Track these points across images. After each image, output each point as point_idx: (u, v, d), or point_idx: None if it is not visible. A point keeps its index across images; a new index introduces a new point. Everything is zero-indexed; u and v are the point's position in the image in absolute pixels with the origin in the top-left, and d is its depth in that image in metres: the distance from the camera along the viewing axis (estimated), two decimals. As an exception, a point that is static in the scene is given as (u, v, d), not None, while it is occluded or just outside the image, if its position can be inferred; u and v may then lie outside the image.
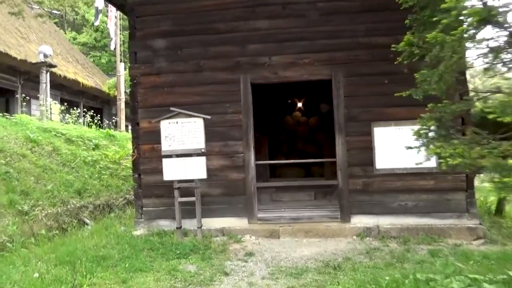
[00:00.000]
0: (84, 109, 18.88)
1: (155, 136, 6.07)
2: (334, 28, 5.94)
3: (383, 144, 5.79)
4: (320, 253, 5.05)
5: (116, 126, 16.14)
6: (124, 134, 13.65)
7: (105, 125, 15.92)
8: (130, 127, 20.44)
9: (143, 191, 6.20)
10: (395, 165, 5.75)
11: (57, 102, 18.65)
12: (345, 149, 5.86)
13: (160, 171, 6.01)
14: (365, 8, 5.88)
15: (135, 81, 6.28)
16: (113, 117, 16.49)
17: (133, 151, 6.22)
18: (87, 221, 6.43)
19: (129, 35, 6.47)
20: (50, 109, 13.23)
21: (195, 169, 5.47)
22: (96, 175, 8.33)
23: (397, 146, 5.74)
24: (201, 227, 5.56)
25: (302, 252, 5.11)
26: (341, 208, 5.86)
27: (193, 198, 5.54)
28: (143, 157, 6.20)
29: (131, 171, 9.38)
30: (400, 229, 5.64)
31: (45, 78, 11.20)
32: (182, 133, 5.52)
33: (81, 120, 13.08)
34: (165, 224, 6.11)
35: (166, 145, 5.56)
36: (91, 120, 11.79)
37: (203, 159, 5.47)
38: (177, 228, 5.57)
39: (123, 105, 16.17)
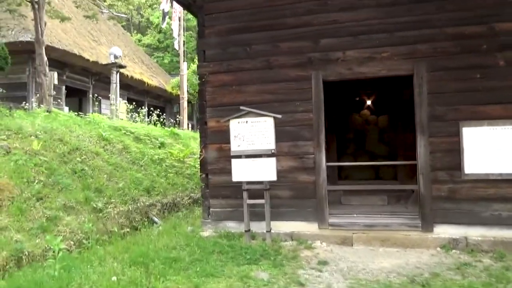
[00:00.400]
0: (149, 108, 19.65)
1: (223, 135, 5.95)
2: (416, 18, 5.40)
3: (474, 146, 5.17)
4: (401, 265, 4.60)
5: (178, 124, 16.53)
6: (187, 133, 13.89)
7: (168, 123, 16.38)
8: (190, 126, 20.82)
9: (211, 192, 6.10)
10: (488, 170, 5.12)
11: (125, 101, 19.58)
12: (428, 151, 5.32)
13: (227, 172, 5.88)
14: (453, -6, 5.28)
15: (203, 80, 6.20)
16: (176, 115, 16.89)
17: (201, 151, 6.15)
18: (156, 219, 6.48)
19: (198, 33, 6.41)
20: (118, 108, 13.82)
21: (265, 171, 5.25)
22: (163, 173, 8.45)
23: (490, 149, 5.13)
24: (270, 230, 5.34)
25: (381, 263, 4.69)
26: (422, 216, 5.33)
27: (262, 201, 5.33)
28: (211, 156, 6.11)
29: (198, 171, 9.51)
30: (493, 242, 5.00)
31: (115, 78, 11.67)
32: (252, 133, 5.33)
33: (147, 119, 13.48)
34: (232, 226, 5.97)
35: (235, 145, 5.40)
36: (157, 118, 12.08)
37: (273, 160, 5.24)
38: (245, 231, 5.39)
39: (185, 104, 16.50)
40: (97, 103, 14.43)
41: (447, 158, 5.28)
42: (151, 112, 13.27)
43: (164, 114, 21.59)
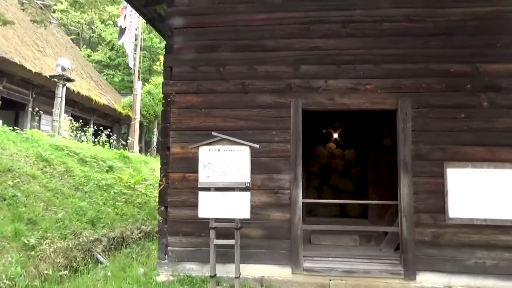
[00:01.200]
0: (95, 127, 18.31)
1: (188, 163, 5.26)
2: (402, 51, 5.18)
3: (458, 189, 4.91)
4: (389, 321, 4.09)
5: (127, 146, 15.36)
6: (138, 156, 12.86)
7: (115, 145, 15.17)
8: (138, 148, 19.57)
9: (170, 228, 5.29)
10: (473, 214, 4.85)
11: (70, 118, 18.06)
12: (411, 191, 4.97)
13: (191, 205, 5.17)
14: (439, 30, 5.14)
15: (168, 100, 5.50)
16: (125, 137, 15.72)
17: (161, 180, 5.36)
18: (101, 258, 5.50)
19: (165, 48, 5.74)
20: (61, 125, 12.51)
21: (237, 207, 4.59)
22: (110, 202, 7.45)
23: (475, 192, 4.88)
24: (239, 277, 4.62)
25: (366, 318, 4.15)
26: (405, 263, 4.91)
27: (231, 241, 4.63)
28: (173, 187, 5.34)
29: (150, 199, 8.59)
30: (478, 293, 4.68)
31: (61, 92, 10.53)
32: (224, 163, 4.68)
33: (92, 139, 12.29)
34: (194, 269, 5.18)
35: (204, 176, 4.71)
36: (106, 139, 10.99)
37: (247, 195, 4.60)
38: (211, 276, 4.63)
39: (137, 125, 15.44)
40: (37, 118, 12.99)
41: (431, 200, 4.96)
42: (99, 132, 12.10)
43: (113, 135, 20.32)
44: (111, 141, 11.51)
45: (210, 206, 4.64)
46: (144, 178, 9.73)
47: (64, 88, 11.20)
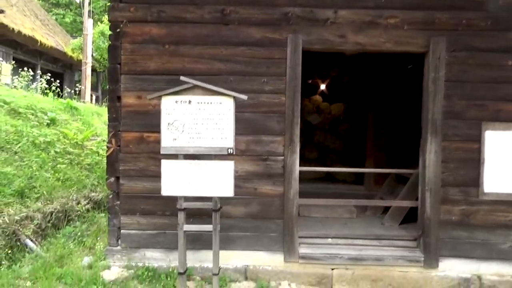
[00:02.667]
0: (43, 73, 16.12)
1: (147, 119, 3.88)
2: (438, -27, 3.86)
3: (497, 157, 3.87)
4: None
5: (79, 95, 13.42)
6: (90, 107, 11.08)
7: (66, 94, 13.17)
8: (94, 98, 17.67)
9: (123, 205, 3.97)
10: (513, 189, 3.86)
11: (8, 61, 15.66)
12: (439, 159, 3.88)
13: (151, 175, 3.86)
14: None
15: (118, 31, 3.95)
16: (77, 85, 13.73)
17: (109, 141, 3.94)
18: (31, 244, 4.13)
19: (112, -44, 4.08)
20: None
21: (216, 181, 3.31)
22: (50, 164, 5.93)
23: (518, 162, 3.84)
24: (218, 273, 3.43)
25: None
26: (426, 248, 3.92)
27: (208, 227, 3.39)
28: (126, 151, 3.95)
29: (103, 159, 7.14)
30: (512, 284, 3.80)
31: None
32: (198, 120, 3.31)
33: (36, 85, 10.34)
34: (156, 257, 3.96)
35: (168, 138, 3.34)
36: (47, 85, 9.15)
37: (230, 165, 3.31)
38: (180, 273, 3.41)
39: (89, 71, 13.43)
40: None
41: (462, 170, 3.91)
42: (47, 79, 10.12)
43: (62, 82, 17.98)
44: (56, 88, 9.61)
45: (177, 180, 3.33)
46: (96, 133, 8.16)
47: (-9, 20, 9.03)
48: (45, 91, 9.32)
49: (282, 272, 3.91)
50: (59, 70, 20.11)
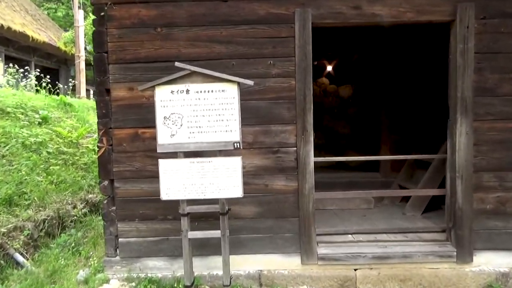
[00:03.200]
0: (37, 70, 15.69)
1: (140, 113, 3.45)
2: None
3: (537, 136, 3.43)
4: None
5: (74, 91, 12.96)
6: (85, 102, 10.62)
7: (60, 90, 12.73)
8: (92, 93, 17.31)
9: (120, 210, 3.57)
10: (556, 171, 3.43)
11: (0, 59, 15.20)
12: (470, 142, 3.45)
13: (149, 175, 3.45)
14: None
15: (102, 15, 3.48)
16: (70, 80, 13.25)
17: (100, 140, 3.52)
18: (20, 258, 3.73)
19: None
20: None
21: (223, 181, 2.89)
22: (42, 166, 5.52)
23: (562, 140, 3.40)
24: (229, 284, 3.04)
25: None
26: (458, 241, 3.52)
27: (215, 233, 2.99)
28: (119, 150, 3.53)
29: (98, 172, 6.74)
30: (558, 278, 3.40)
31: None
32: (198, 111, 2.88)
33: (26, 82, 9.87)
34: (159, 266, 3.57)
35: (165, 134, 2.91)
36: (36, 82, 8.69)
37: (237, 161, 2.89)
38: (186, 287, 3.02)
39: (83, 65, 12.93)
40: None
41: (497, 153, 3.48)
42: (42, 76, 9.66)
43: (58, 79, 17.47)
44: (48, 84, 9.14)
45: (178, 182, 2.91)
46: (92, 130, 7.74)
47: (-27, 15, 8.52)
48: (36, 88, 8.85)
49: (300, 276, 3.52)
50: (54, 66, 19.62)
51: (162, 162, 2.93)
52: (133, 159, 3.51)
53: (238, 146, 2.89)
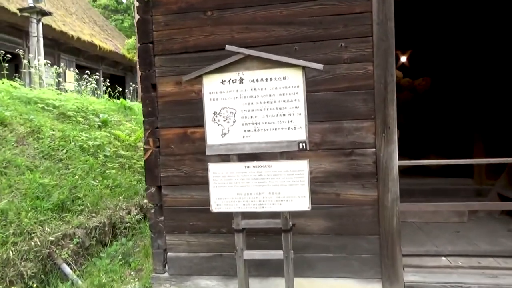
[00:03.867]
0: (105, 78, 16.37)
1: (190, 110, 2.99)
2: None
3: None
4: None
5: (137, 96, 13.19)
6: (146, 106, 10.64)
7: (128, 96, 13.03)
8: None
9: (168, 221, 3.14)
10: None
11: (72, 68, 16.04)
12: None
13: (200, 182, 2.98)
14: None
15: (146, 0, 3.10)
16: (133, 85, 13.56)
17: (146, 141, 3.13)
18: (67, 269, 3.47)
19: None
20: (56, 75, 10.37)
21: (285, 190, 2.33)
22: (98, 170, 5.36)
23: None
24: (295, 316, 2.46)
25: None
26: None
27: (277, 254, 2.42)
28: (167, 153, 3.11)
29: (145, 178, 6.53)
30: None
31: (35, 30, 8.21)
32: (254, 105, 2.35)
33: (90, 86, 10.15)
34: (211, 286, 3.08)
35: (215, 133, 2.41)
36: (95, 86, 8.78)
37: (304, 165, 2.30)
38: (242, 317, 2.49)
39: (144, 70, 13.06)
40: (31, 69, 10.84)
41: None
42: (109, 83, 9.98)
43: (124, 85, 18.11)
44: (114, 90, 9.27)
45: (231, 191, 2.40)
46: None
47: (40, 24, 8.87)
48: (97, 92, 8.96)
49: (381, 308, 2.84)
50: (120, 74, 20.51)
51: (212, 167, 2.43)
52: (182, 163, 3.07)
53: (304, 147, 2.30)
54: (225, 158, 2.46)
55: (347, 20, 2.81)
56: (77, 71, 13.96)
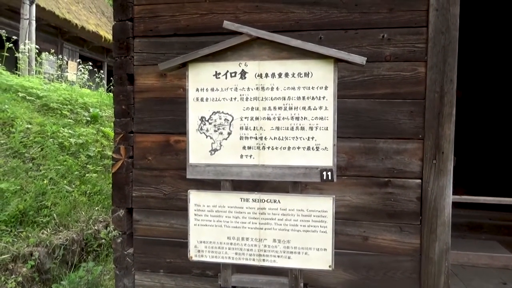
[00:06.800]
0: (109, 70, 15.78)
1: (176, 111, 2.25)
2: None
3: None
4: None
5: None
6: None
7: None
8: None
9: (138, 255, 2.41)
10: None
11: (74, 59, 15.55)
12: None
13: (183, 207, 2.24)
14: None
15: (129, -35, 2.37)
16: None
17: (116, 150, 2.39)
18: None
19: None
20: (58, 66, 9.73)
21: (298, 238, 1.58)
22: (76, 173, 4.64)
23: None
24: None
25: None
26: None
27: (280, 325, 1.68)
28: (142, 166, 2.37)
29: (111, 196, 5.82)
30: None
31: (27, 12, 7.53)
32: (260, 111, 1.61)
33: (80, 76, 9.50)
34: None
35: (202, 148, 1.67)
36: (88, 76, 8.07)
37: (327, 204, 1.56)
38: None
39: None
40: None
41: None
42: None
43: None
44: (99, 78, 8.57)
45: (218, 232, 1.66)
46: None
47: (33, 6, 8.19)
48: (88, 84, 8.29)
49: None
50: (125, 67, 19.96)
51: (193, 196, 1.69)
52: (161, 180, 2.33)
53: (330, 177, 1.55)
54: (215, 184, 1.73)
55: (394, 2, 2.06)
56: (81, 62, 13.36)
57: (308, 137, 1.56)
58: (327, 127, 1.54)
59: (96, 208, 4.36)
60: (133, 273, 2.39)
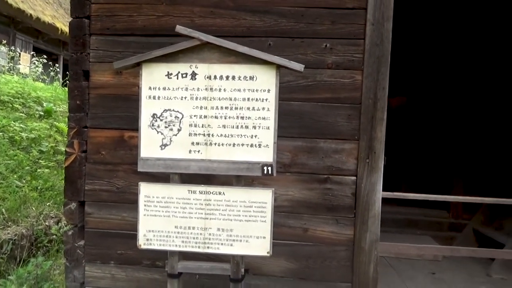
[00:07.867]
0: (65, 64, 15.26)
1: (130, 108, 2.34)
2: None
3: None
4: None
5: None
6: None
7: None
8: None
9: (88, 247, 2.47)
10: None
11: (28, 50, 14.95)
12: None
13: (136, 201, 2.31)
14: None
15: (87, -36, 2.43)
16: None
17: (69, 144, 2.44)
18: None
19: None
20: (9, 57, 9.31)
21: (240, 227, 1.74)
22: (27, 168, 4.55)
23: None
24: None
25: None
26: None
27: (223, 308, 1.82)
28: (95, 160, 2.44)
29: (64, 190, 5.77)
30: None
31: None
32: (208, 109, 1.75)
33: (34, 70, 9.19)
34: (139, 334, 2.42)
35: (153, 143, 1.79)
36: (41, 70, 7.85)
37: (267, 196, 1.73)
38: None
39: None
40: None
41: None
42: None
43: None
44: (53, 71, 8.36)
45: (167, 222, 1.78)
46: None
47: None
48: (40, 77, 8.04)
49: None
50: (82, 62, 19.32)
51: (143, 188, 1.80)
52: (114, 175, 2.41)
53: (270, 172, 1.72)
54: (165, 178, 1.84)
55: (336, 16, 2.27)
56: (34, 54, 12.86)
57: (252, 135, 1.72)
58: (268, 127, 1.71)
59: (48, 204, 4.30)
60: (84, 265, 2.45)
